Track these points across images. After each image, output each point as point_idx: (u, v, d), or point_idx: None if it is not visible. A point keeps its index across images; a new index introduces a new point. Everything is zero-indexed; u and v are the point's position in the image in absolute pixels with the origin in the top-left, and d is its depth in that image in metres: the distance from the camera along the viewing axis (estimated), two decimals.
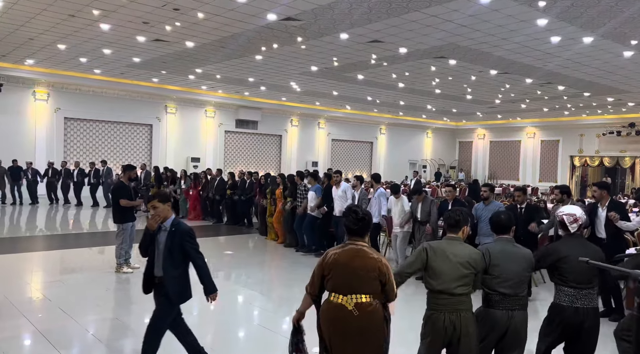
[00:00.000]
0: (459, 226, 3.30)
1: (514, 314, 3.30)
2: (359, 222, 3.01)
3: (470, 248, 3.30)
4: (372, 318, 2.91)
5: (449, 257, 3.18)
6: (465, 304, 3.18)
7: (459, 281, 3.14)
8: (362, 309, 2.88)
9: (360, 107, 23.65)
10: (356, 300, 2.89)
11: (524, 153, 27.12)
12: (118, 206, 7.33)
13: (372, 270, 2.91)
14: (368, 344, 2.91)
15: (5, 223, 12.60)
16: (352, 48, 11.78)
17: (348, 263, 2.94)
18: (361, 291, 2.91)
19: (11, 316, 5.36)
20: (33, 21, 10.44)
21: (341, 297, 2.93)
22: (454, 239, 3.30)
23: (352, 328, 2.88)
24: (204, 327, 5.43)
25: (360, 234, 3.03)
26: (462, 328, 3.13)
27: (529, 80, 15.02)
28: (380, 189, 8.76)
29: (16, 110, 16.69)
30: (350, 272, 2.93)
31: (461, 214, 3.33)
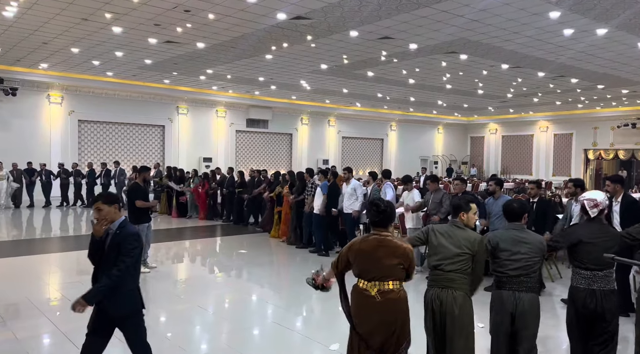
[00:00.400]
0: (457, 211, 3.53)
1: (521, 295, 3.44)
2: (380, 214, 3.16)
3: (469, 232, 3.46)
4: (395, 304, 3.08)
5: (445, 237, 3.43)
6: (456, 282, 3.34)
7: (451, 259, 3.35)
8: (384, 296, 3.06)
9: (371, 104, 23.59)
10: (379, 287, 3.07)
11: (537, 147, 26.85)
12: (133, 207, 7.40)
13: (396, 257, 3.08)
14: (390, 329, 3.07)
15: (22, 225, 12.81)
16: (362, 45, 11.76)
17: (371, 252, 3.10)
18: (385, 278, 3.08)
19: (32, 316, 5.48)
20: (46, 26, 10.59)
21: (366, 283, 3.12)
22: (454, 223, 3.53)
23: (375, 313, 3.06)
24: (220, 325, 5.49)
25: (383, 225, 3.18)
26: (447, 305, 3.31)
27: (541, 73, 14.87)
28: (388, 182, 8.81)
29: (31, 113, 16.94)
30: (374, 261, 3.09)
31: (461, 200, 3.56)
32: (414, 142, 28.16)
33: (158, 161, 18.64)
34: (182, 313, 5.82)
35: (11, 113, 16.44)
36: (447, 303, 3.32)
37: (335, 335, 5.08)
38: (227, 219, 13.33)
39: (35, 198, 15.86)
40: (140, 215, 7.46)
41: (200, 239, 11.14)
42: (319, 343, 4.85)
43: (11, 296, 6.21)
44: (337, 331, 5.23)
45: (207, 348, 4.83)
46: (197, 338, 5.14)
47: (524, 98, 20.44)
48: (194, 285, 7.20)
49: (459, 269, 3.34)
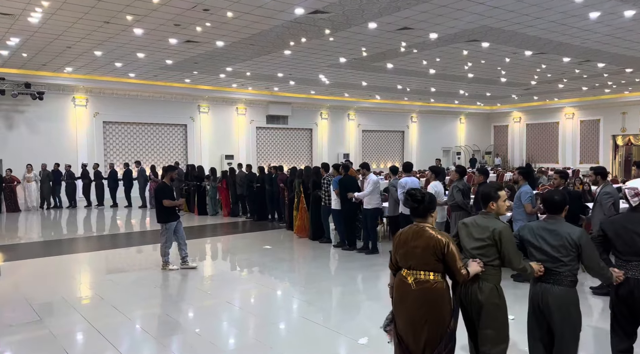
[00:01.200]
0: (486, 201, 3.45)
1: (547, 287, 3.37)
2: (416, 204, 3.20)
3: (492, 222, 3.38)
4: (431, 294, 3.09)
5: (469, 228, 3.43)
6: (481, 273, 3.27)
7: (474, 251, 3.34)
8: (419, 285, 3.11)
9: (390, 96, 23.40)
10: (415, 276, 3.13)
11: (563, 135, 26.22)
12: (161, 206, 7.52)
13: (429, 248, 3.10)
14: (424, 319, 3.09)
15: (52, 226, 13.18)
16: (380, 37, 11.66)
17: (408, 241, 3.18)
18: (420, 267, 3.13)
19: (67, 313, 5.64)
20: (70, 30, 10.80)
21: (405, 270, 3.20)
22: (482, 213, 3.48)
23: (410, 301, 3.13)
24: (247, 320, 5.55)
25: (421, 215, 3.22)
26: (472, 296, 3.31)
27: (566, 59, 14.49)
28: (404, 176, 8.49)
29: (58, 116, 17.36)
30: (410, 249, 3.16)
31: (490, 189, 3.48)
32: (436, 133, 27.84)
33: (177, 160, 18.90)
34: (210, 308, 5.91)
35: (39, 117, 16.88)
36: (472, 294, 3.31)
37: (363, 329, 5.09)
38: (250, 216, 13.45)
39: (63, 199, 16.28)
40: (169, 214, 7.58)
41: (224, 236, 11.27)
42: (347, 336, 4.86)
43: (46, 295, 6.41)
44: (365, 326, 5.24)
45: (235, 342, 4.90)
46: (225, 332, 5.21)
47: (549, 85, 19.97)
48: (220, 281, 7.29)
49: (483, 261, 3.30)
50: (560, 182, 6.87)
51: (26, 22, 10.06)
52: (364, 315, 5.72)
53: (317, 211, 9.91)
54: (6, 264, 8.17)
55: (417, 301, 3.10)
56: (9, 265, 8.12)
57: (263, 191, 12.77)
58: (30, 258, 8.71)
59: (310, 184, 10.03)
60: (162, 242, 7.65)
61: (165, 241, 7.59)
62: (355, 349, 4.59)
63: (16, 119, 16.58)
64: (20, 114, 16.61)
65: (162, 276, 7.36)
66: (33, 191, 15.62)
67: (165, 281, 7.16)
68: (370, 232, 8.91)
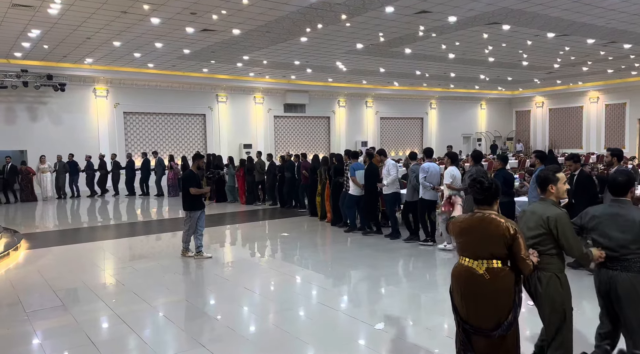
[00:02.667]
0: (544, 186, 3.34)
1: (614, 274, 3.26)
2: (485, 191, 3.09)
3: (551, 209, 3.24)
4: (501, 282, 3.00)
5: (528, 215, 3.34)
6: (539, 263, 3.18)
7: (532, 239, 3.23)
8: (492, 274, 2.99)
9: (409, 83, 23.11)
10: (487, 265, 3.01)
11: (587, 119, 25.55)
12: (188, 194, 7.55)
13: (497, 235, 2.99)
14: (494, 308, 3.00)
15: (70, 215, 13.46)
16: (398, 21, 11.47)
17: (473, 230, 3.08)
18: (489, 256, 3.01)
19: (90, 300, 5.76)
20: (89, 21, 10.91)
21: (470, 261, 3.07)
22: (541, 200, 3.38)
23: (479, 291, 3.02)
24: (266, 305, 5.59)
25: (487, 203, 3.11)
26: (532, 285, 3.26)
27: (590, 40, 14.05)
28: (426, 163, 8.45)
29: (80, 107, 17.64)
30: (476, 238, 3.06)
31: (547, 172, 3.35)
32: (456, 119, 27.43)
33: (197, 150, 19.04)
34: (230, 295, 5.97)
35: (61, 108, 17.19)
36: (532, 283, 3.24)
37: (380, 315, 5.09)
38: (273, 203, 13.59)
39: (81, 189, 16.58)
40: (195, 202, 7.62)
41: (245, 223, 11.37)
42: (364, 322, 4.86)
43: (70, 282, 6.56)
44: (382, 311, 5.23)
45: (254, 328, 4.94)
46: (244, 318, 5.26)
47: (572, 68, 19.43)
48: (240, 268, 7.36)
49: (539, 250, 3.19)
50: (576, 166, 6.70)
51: (46, 13, 10.18)
52: (381, 301, 5.71)
53: (337, 197, 9.98)
54: (30, 252, 8.39)
55: (491, 293, 2.98)
56: (33, 253, 8.34)
57: (283, 179, 12.88)
58: (52, 246, 8.93)
59: (332, 171, 10.09)
60: (185, 229, 7.74)
61: (188, 228, 7.67)
62: (372, 335, 4.59)
63: (39, 111, 16.91)
64: (43, 105, 16.94)
65: (183, 263, 7.46)
66: (48, 181, 15.94)
67: (186, 268, 7.26)
68: (390, 217, 8.99)
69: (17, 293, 6.02)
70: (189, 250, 7.76)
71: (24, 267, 7.49)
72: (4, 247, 8.19)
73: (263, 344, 4.45)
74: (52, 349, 4.43)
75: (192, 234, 7.71)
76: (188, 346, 4.41)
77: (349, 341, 4.46)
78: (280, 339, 4.52)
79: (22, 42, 12.97)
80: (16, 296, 5.92)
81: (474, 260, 3.05)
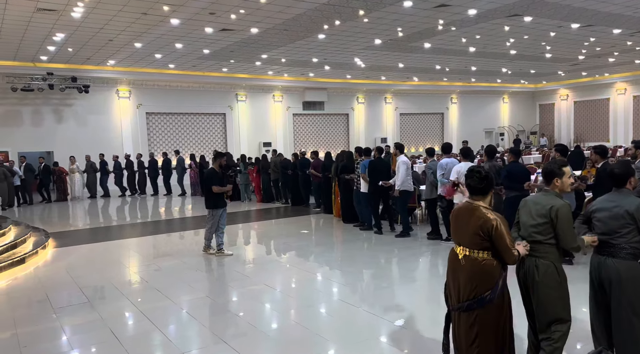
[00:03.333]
0: (550, 178, 3.37)
1: (605, 260, 3.33)
2: (483, 181, 3.20)
3: (554, 199, 3.27)
4: (479, 270, 3.09)
5: (530, 205, 3.36)
6: (538, 251, 3.23)
7: (533, 228, 3.28)
8: (468, 261, 3.14)
9: (429, 78, 22.86)
10: (465, 252, 3.17)
11: (614, 111, 24.86)
12: (210, 192, 7.62)
13: (477, 226, 3.10)
14: (471, 286, 3.10)
15: (98, 214, 13.75)
16: (416, 16, 11.35)
17: (460, 218, 3.24)
18: (470, 245, 3.14)
19: (115, 297, 5.88)
20: (110, 23, 11.11)
21: (457, 246, 3.26)
22: (545, 191, 3.41)
23: (459, 275, 3.19)
24: (287, 302, 5.62)
25: (482, 193, 3.22)
26: (528, 273, 3.27)
27: (616, 31, 13.65)
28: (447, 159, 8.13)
29: (103, 108, 18.01)
30: (461, 226, 3.23)
31: (553, 165, 3.39)
32: (478, 114, 27.04)
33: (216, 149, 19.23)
34: (251, 292, 6.01)
35: (85, 109, 17.58)
36: (530, 273, 3.27)
37: (400, 312, 5.06)
38: (285, 201, 13.63)
39: (110, 189, 16.95)
40: (217, 200, 7.68)
41: (261, 221, 11.45)
42: (384, 319, 4.84)
43: (96, 280, 6.71)
44: (402, 308, 5.20)
45: (276, 324, 4.97)
46: (266, 315, 5.30)
47: (598, 59, 18.93)
48: (260, 266, 7.41)
49: (540, 240, 3.23)
50: (596, 157, 6.52)
51: (69, 17, 10.42)
52: (401, 298, 5.67)
53: (349, 195, 9.97)
54: (57, 250, 8.61)
55: (466, 276, 3.14)
56: (60, 251, 8.56)
57: (297, 177, 12.88)
58: (79, 244, 9.14)
59: (339, 168, 10.10)
60: (207, 227, 7.80)
61: (210, 226, 7.74)
62: (392, 331, 4.57)
63: (65, 112, 17.33)
64: (68, 107, 17.35)
65: (204, 261, 7.55)
66: (77, 181, 16.30)
67: (208, 266, 7.34)
68: (401, 215, 8.94)
69: (46, 290, 6.19)
70: (210, 247, 7.84)
71: (52, 265, 7.70)
72: (33, 245, 8.43)
73: (284, 340, 4.47)
74: (78, 345, 4.54)
75: (214, 232, 7.79)
76: (210, 342, 4.47)
77: (369, 337, 4.45)
78: (301, 336, 4.54)
79: (47, 46, 13.30)
80: (44, 293, 6.08)
81: (458, 246, 3.24)
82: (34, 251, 8.07)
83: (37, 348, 4.46)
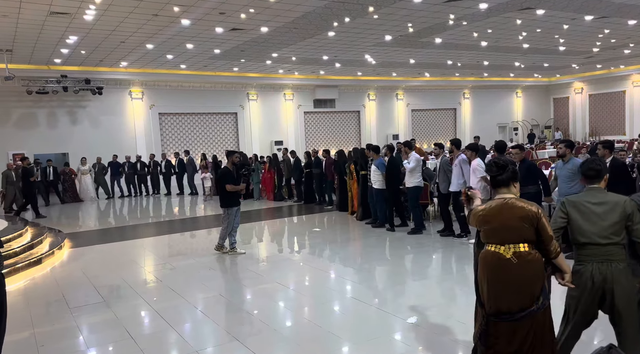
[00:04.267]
0: (602, 176, 3.22)
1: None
2: (501, 170, 3.06)
3: (615, 196, 3.16)
4: (531, 266, 2.94)
5: (589, 208, 3.13)
6: (614, 255, 3.08)
7: (609, 229, 3.08)
8: (521, 258, 2.93)
9: (440, 73, 22.68)
10: (514, 249, 2.95)
11: (630, 104, 24.41)
12: (224, 191, 7.61)
13: (525, 218, 2.94)
14: (525, 292, 2.93)
15: (111, 215, 13.91)
16: (427, 11, 11.26)
17: (497, 216, 3.01)
18: (516, 240, 2.95)
19: (129, 296, 5.95)
20: (122, 25, 11.21)
21: (497, 246, 3.00)
22: (596, 189, 3.22)
23: (510, 276, 2.94)
24: (300, 300, 5.62)
25: (505, 184, 3.07)
26: (609, 280, 3.06)
27: (632, 21, 13.39)
28: (462, 155, 7.96)
29: (117, 110, 18.19)
30: (500, 223, 2.99)
31: (601, 164, 3.24)
32: (491, 109, 26.75)
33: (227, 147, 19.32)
34: (264, 290, 6.03)
35: (99, 111, 17.77)
36: (607, 277, 3.12)
37: (412, 309, 5.03)
38: (298, 200, 13.67)
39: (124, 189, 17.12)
40: (231, 199, 7.67)
41: (274, 220, 11.48)
42: (397, 316, 4.82)
43: (110, 279, 6.79)
44: (414, 306, 5.17)
45: (289, 322, 4.98)
46: (279, 313, 5.31)
47: (613, 51, 18.59)
48: (273, 263, 7.43)
49: (616, 241, 3.10)
50: (603, 152, 6.39)
51: (82, 20, 10.53)
52: (414, 296, 5.65)
53: (364, 192, 9.97)
54: (73, 250, 8.73)
55: (521, 277, 2.93)
56: (76, 251, 8.68)
57: (311, 175, 12.91)
58: (94, 244, 9.26)
59: (358, 165, 10.09)
60: (223, 226, 7.78)
61: (226, 225, 7.69)
62: (405, 329, 4.55)
63: (79, 114, 17.54)
64: (82, 109, 17.56)
65: (218, 260, 7.59)
66: (89, 182, 16.49)
67: (221, 265, 7.38)
68: (412, 211, 8.91)
69: (62, 290, 6.28)
70: (224, 247, 7.87)
71: (67, 265, 7.81)
72: (49, 246, 8.56)
73: (297, 338, 4.48)
74: (94, 344, 4.60)
75: (230, 231, 7.74)
76: (224, 341, 4.49)
77: (382, 335, 4.44)
78: (314, 334, 4.54)
79: (60, 49, 13.47)
80: (61, 293, 6.18)
81: (501, 245, 2.98)
82: (50, 251, 8.19)
83: (54, 347, 4.53)
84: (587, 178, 3.26)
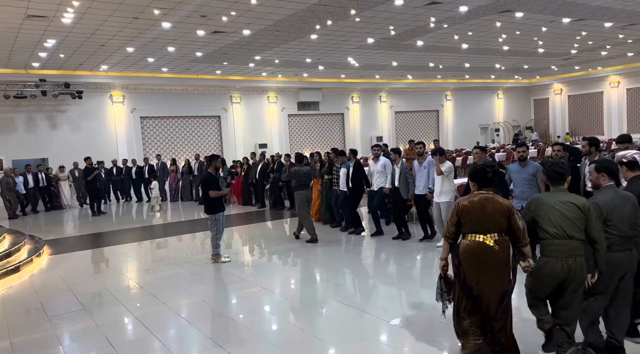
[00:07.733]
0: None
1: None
2: (495, 174, 3.59)
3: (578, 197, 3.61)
4: (507, 251, 3.48)
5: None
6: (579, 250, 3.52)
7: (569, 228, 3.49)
8: (500, 245, 3.45)
9: (423, 75, 22.88)
10: (496, 238, 3.44)
11: (608, 105, 24.94)
12: (208, 197, 7.40)
13: (503, 211, 3.45)
14: (504, 272, 3.48)
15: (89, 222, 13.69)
16: (408, 14, 11.34)
17: (482, 209, 3.47)
18: (497, 230, 3.45)
19: (110, 304, 5.85)
20: (102, 28, 11.06)
21: (480, 236, 3.47)
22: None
23: (493, 260, 3.44)
24: (283, 304, 5.59)
25: (490, 184, 3.59)
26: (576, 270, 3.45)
27: (608, 24, 13.69)
28: (429, 157, 7.88)
29: (97, 114, 17.91)
30: (486, 215, 3.45)
31: (564, 167, 3.57)
32: (472, 110, 27.06)
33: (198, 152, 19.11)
34: (247, 295, 5.98)
35: (79, 115, 17.49)
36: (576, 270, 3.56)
37: (395, 311, 5.05)
38: (262, 206, 13.58)
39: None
40: (216, 205, 7.46)
41: (246, 225, 11.36)
42: (380, 318, 4.83)
43: (90, 286, 6.67)
44: (396, 307, 5.20)
45: (273, 327, 4.95)
46: (262, 318, 5.26)
47: (590, 53, 18.98)
48: (253, 268, 7.38)
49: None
50: (563, 154, 6.44)
51: (60, 23, 10.36)
52: (396, 298, 5.67)
53: (329, 196, 10.03)
54: (52, 257, 8.57)
55: (500, 260, 3.43)
56: (55, 258, 8.52)
57: (277, 180, 12.71)
58: (73, 251, 9.09)
59: (324, 169, 10.16)
60: (212, 234, 7.53)
61: (216, 232, 7.47)
62: (388, 330, 4.56)
63: (58, 119, 17.23)
64: (62, 113, 17.26)
65: (200, 265, 7.51)
66: (67, 189, 16.14)
67: (203, 270, 7.30)
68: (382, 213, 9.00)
69: (40, 298, 6.15)
70: (220, 255, 7.57)
71: (47, 272, 7.65)
72: (28, 253, 8.38)
73: (281, 343, 4.45)
74: (74, 353, 4.51)
75: (220, 238, 7.56)
76: (206, 347, 4.44)
77: (366, 337, 4.44)
78: (297, 338, 4.53)
79: (39, 52, 13.23)
80: (39, 301, 6.05)
81: (484, 234, 3.45)
82: (29, 259, 8.02)
83: None
84: (552, 180, 3.55)
